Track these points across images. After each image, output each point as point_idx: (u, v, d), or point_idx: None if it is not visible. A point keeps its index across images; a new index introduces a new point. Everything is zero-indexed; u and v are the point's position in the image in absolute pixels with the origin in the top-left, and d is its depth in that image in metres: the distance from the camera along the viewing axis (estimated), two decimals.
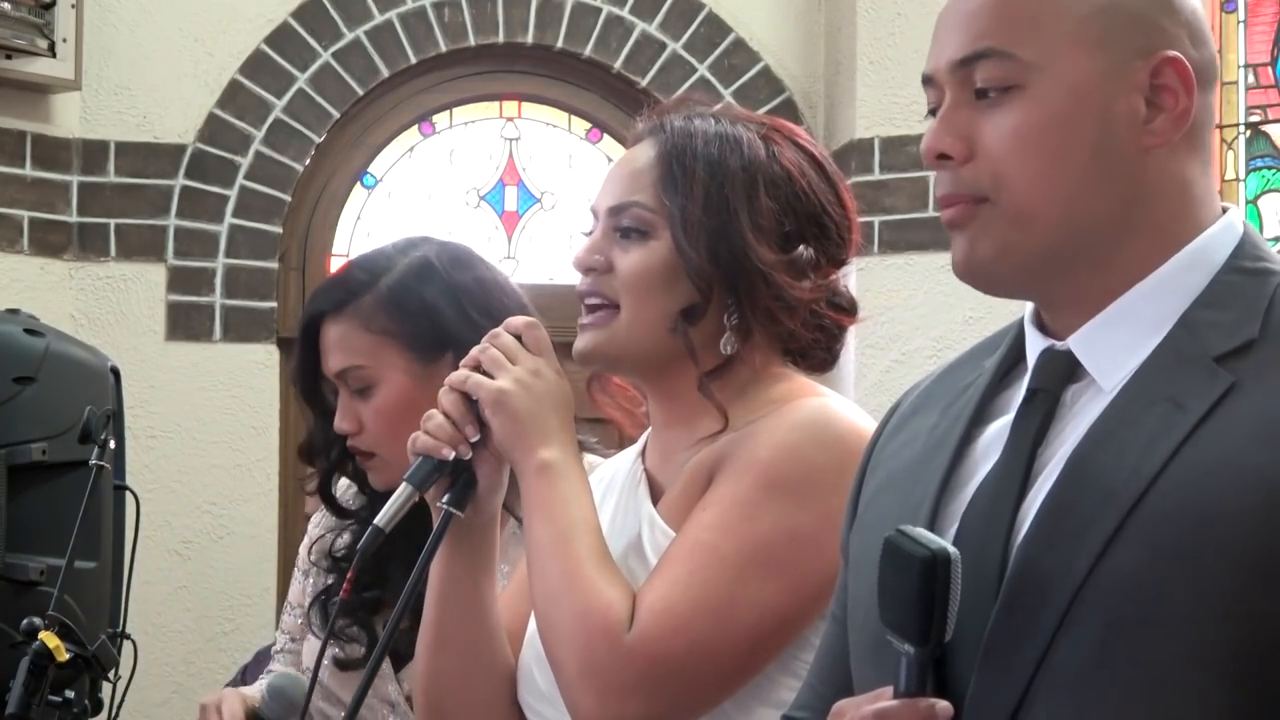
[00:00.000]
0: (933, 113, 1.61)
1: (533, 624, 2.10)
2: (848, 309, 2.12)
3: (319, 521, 2.77)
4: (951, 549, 1.45)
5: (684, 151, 2.07)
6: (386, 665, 2.59)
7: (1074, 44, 1.55)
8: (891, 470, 1.68)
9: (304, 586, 2.75)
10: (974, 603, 1.46)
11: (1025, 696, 1.45)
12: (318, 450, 2.68)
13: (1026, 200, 1.55)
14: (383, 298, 2.57)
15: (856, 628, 1.65)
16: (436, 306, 2.57)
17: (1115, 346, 1.54)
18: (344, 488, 2.76)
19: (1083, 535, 1.45)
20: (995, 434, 1.59)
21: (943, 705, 1.46)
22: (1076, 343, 1.56)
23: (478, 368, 2.05)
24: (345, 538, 2.70)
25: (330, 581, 2.69)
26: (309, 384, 2.66)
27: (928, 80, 1.62)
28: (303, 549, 2.79)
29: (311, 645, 2.68)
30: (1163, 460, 1.45)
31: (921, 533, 1.47)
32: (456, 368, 2.56)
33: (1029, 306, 1.64)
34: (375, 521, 2.00)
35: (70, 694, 2.41)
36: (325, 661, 2.58)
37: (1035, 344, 1.61)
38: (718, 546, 1.94)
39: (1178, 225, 1.56)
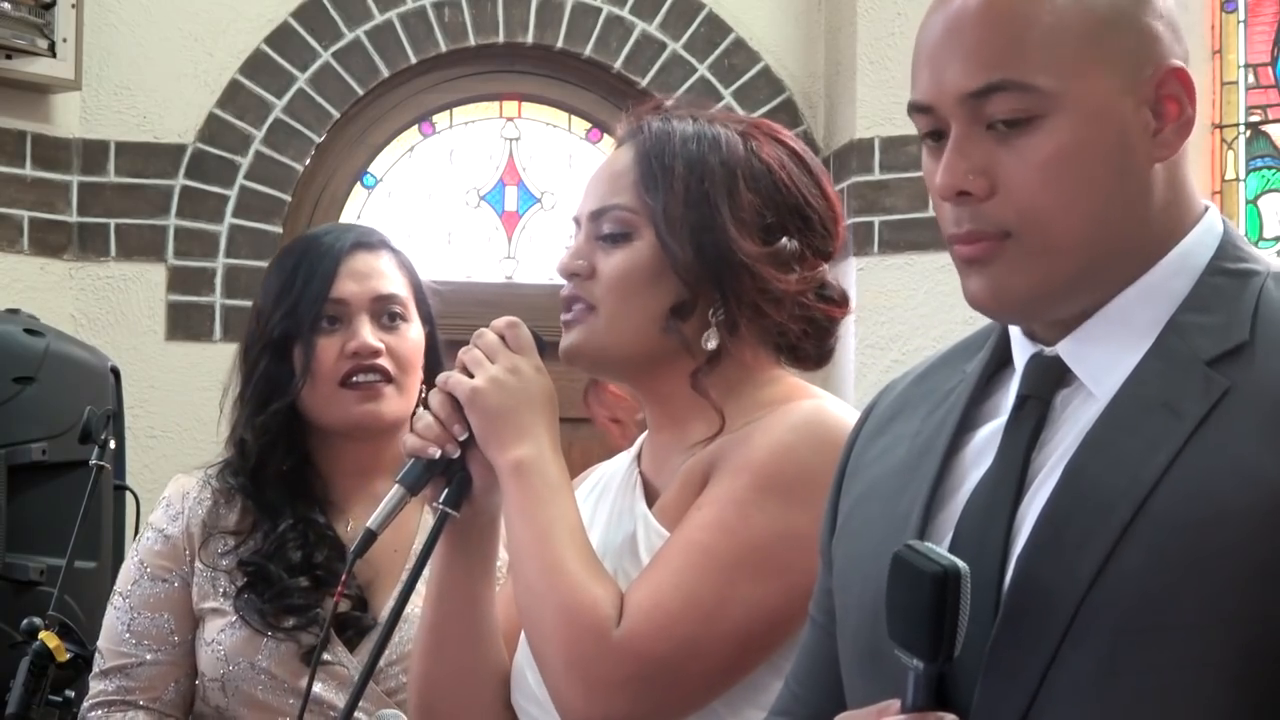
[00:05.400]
0: (930, 137, 1.57)
1: None
2: (838, 301, 2.11)
3: (181, 522, 2.71)
4: (962, 565, 1.43)
5: (662, 150, 2.07)
6: (342, 649, 2.59)
7: (1088, 65, 1.52)
8: (874, 477, 1.66)
9: (173, 591, 2.66)
10: (971, 613, 1.45)
11: (1031, 706, 1.44)
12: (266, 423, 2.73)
13: (1055, 233, 1.52)
14: (405, 260, 2.79)
15: (847, 638, 1.63)
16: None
17: (1106, 353, 1.53)
18: (181, 492, 2.73)
19: (1085, 543, 1.44)
20: (984, 440, 1.58)
21: (950, 719, 1.45)
22: (1066, 349, 1.55)
23: (464, 368, 2.06)
24: (229, 540, 2.65)
25: (244, 580, 2.62)
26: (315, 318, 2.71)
27: (922, 109, 1.57)
28: (152, 555, 2.68)
29: (241, 641, 2.61)
30: (1163, 466, 1.44)
31: (931, 548, 1.45)
32: None
33: None
34: (368, 524, 2.01)
35: (70, 694, 2.42)
36: (265, 656, 2.58)
37: (1022, 349, 1.59)
38: (711, 546, 1.93)
39: (1169, 227, 1.56)
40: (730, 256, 2.03)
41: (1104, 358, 1.53)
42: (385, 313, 2.70)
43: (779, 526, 1.94)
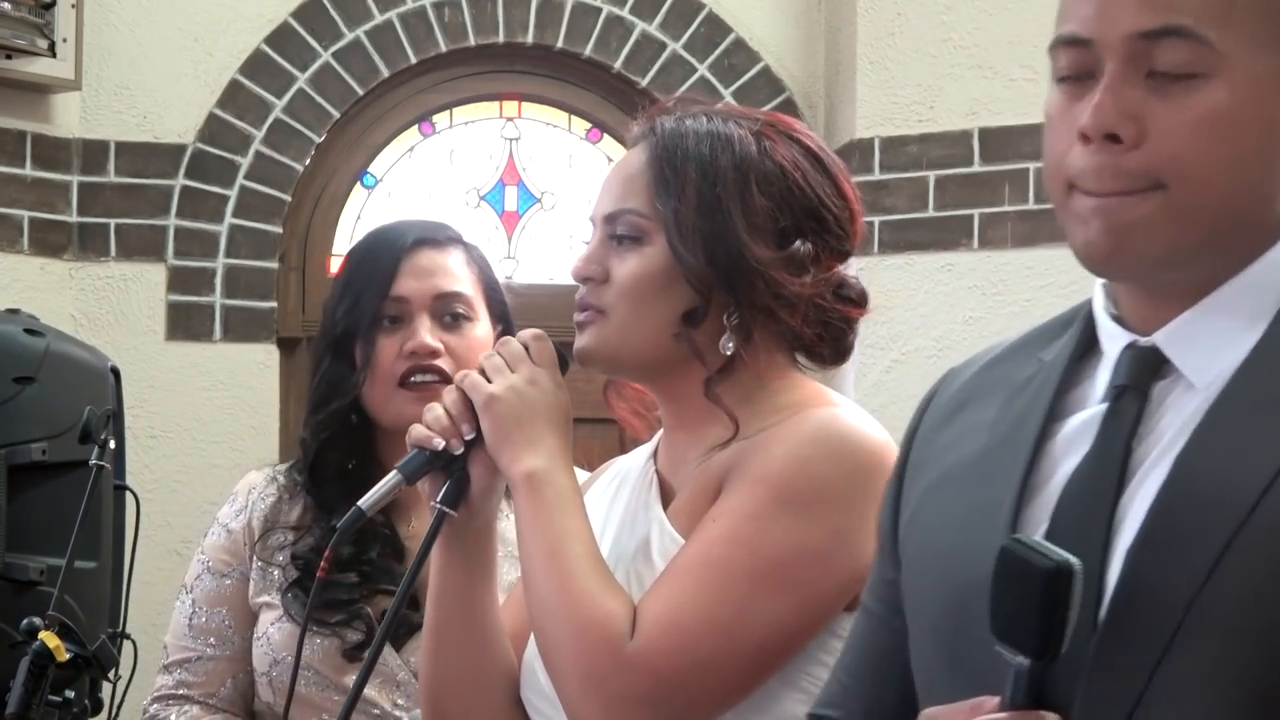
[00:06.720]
0: (1071, 78, 1.50)
1: None
2: (856, 301, 2.10)
3: (243, 517, 2.73)
4: (1075, 561, 1.39)
5: (674, 153, 2.06)
6: (388, 647, 2.58)
7: (1254, 40, 1.47)
8: (949, 466, 1.61)
9: (232, 586, 2.70)
10: None
11: (1138, 705, 1.41)
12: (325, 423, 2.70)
13: (1203, 193, 1.46)
14: (477, 255, 2.76)
15: (925, 630, 1.58)
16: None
17: (1207, 343, 1.49)
18: (247, 487, 2.74)
19: (1197, 540, 1.41)
20: (1075, 431, 1.53)
21: (1053, 718, 1.41)
22: (1164, 339, 1.51)
23: (483, 371, 2.06)
24: (288, 535, 2.68)
25: (294, 575, 2.65)
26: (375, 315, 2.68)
27: (1079, 42, 1.49)
28: (215, 549, 2.73)
29: (283, 636, 2.63)
30: (1278, 464, 1.40)
31: (1040, 542, 1.41)
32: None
33: (1099, 297, 1.57)
34: (359, 503, 2.01)
35: (70, 694, 2.41)
36: (309, 651, 2.57)
37: (1113, 339, 1.55)
38: (728, 561, 1.93)
39: (1275, 218, 1.51)
40: (742, 263, 2.02)
41: (1206, 349, 1.49)
42: (447, 312, 2.68)
43: (793, 541, 1.93)
